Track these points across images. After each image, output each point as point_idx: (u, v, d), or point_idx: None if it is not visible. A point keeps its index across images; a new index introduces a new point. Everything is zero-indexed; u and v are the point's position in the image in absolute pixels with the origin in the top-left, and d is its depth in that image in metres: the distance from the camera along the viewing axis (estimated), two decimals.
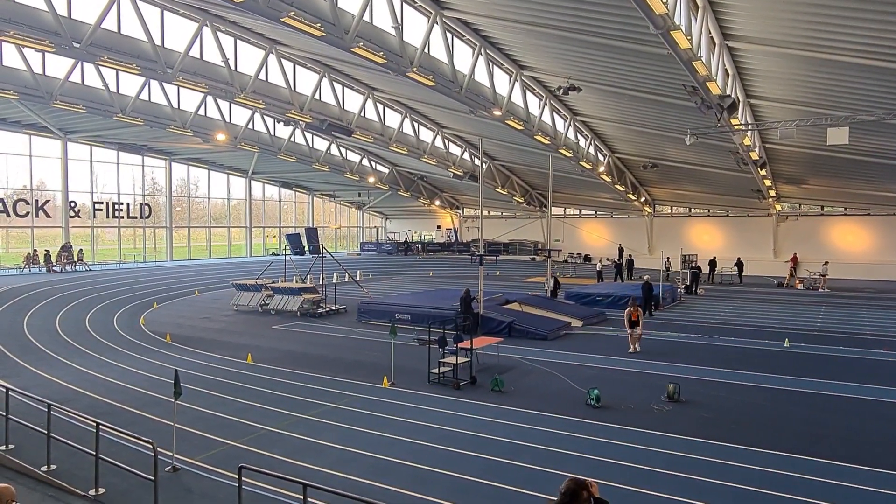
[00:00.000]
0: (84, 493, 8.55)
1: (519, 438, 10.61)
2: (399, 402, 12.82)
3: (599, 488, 4.10)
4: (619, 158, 35.91)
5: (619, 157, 35.76)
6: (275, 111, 28.29)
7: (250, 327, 22.33)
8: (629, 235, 43.95)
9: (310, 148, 37.54)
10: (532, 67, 23.65)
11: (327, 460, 9.66)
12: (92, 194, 36.49)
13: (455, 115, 29.75)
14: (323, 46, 19.85)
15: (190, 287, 31.99)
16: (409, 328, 20.39)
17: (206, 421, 11.56)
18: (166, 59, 20.99)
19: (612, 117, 28.05)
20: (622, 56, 19.34)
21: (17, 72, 22.85)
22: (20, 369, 15.13)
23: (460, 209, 53.74)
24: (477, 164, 36.95)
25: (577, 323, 21.84)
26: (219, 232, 46.22)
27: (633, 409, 12.25)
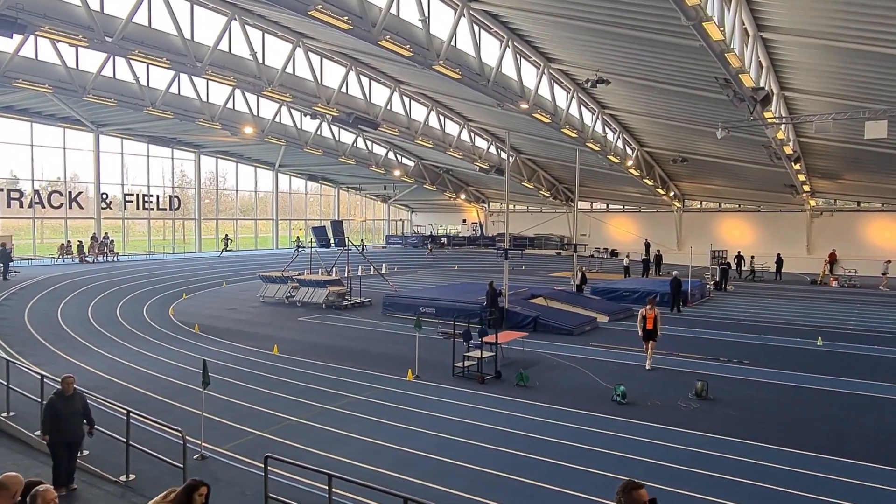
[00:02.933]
0: (115, 479, 8.72)
1: (543, 433, 10.55)
2: (423, 395, 12.83)
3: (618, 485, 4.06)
4: (648, 152, 35.40)
5: (647, 151, 35.26)
6: (302, 104, 28.46)
7: (276, 319, 22.55)
8: (657, 230, 43.33)
9: (336, 141, 37.71)
10: (560, 60, 23.40)
11: (352, 451, 9.71)
12: (123, 186, 37.18)
13: (481, 108, 29.60)
14: (350, 39, 19.86)
15: (217, 278, 32.44)
16: (434, 321, 20.40)
17: (233, 410, 11.70)
18: (195, 52, 21.22)
19: (641, 110, 27.64)
20: (652, 48, 19.01)
21: (52, 66, 23.30)
22: (54, 357, 15.49)
23: (486, 203, 53.57)
24: (503, 157, 36.74)
25: (604, 318, 21.63)
26: (246, 224, 46.76)
27: (659, 406, 12.10)
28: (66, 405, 8.17)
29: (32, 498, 5.07)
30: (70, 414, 8.17)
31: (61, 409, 8.11)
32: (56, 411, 8.09)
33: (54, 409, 8.10)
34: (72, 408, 8.22)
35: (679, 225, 43.89)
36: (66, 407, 8.16)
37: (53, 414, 8.08)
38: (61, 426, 8.07)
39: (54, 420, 8.05)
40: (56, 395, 8.25)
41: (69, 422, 8.14)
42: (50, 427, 8.05)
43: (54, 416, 8.07)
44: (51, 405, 8.16)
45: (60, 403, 8.14)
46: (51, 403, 8.18)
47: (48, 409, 8.16)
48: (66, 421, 8.09)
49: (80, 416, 8.31)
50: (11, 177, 32.77)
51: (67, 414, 8.13)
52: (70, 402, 8.22)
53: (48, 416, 8.11)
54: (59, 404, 8.13)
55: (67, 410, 8.15)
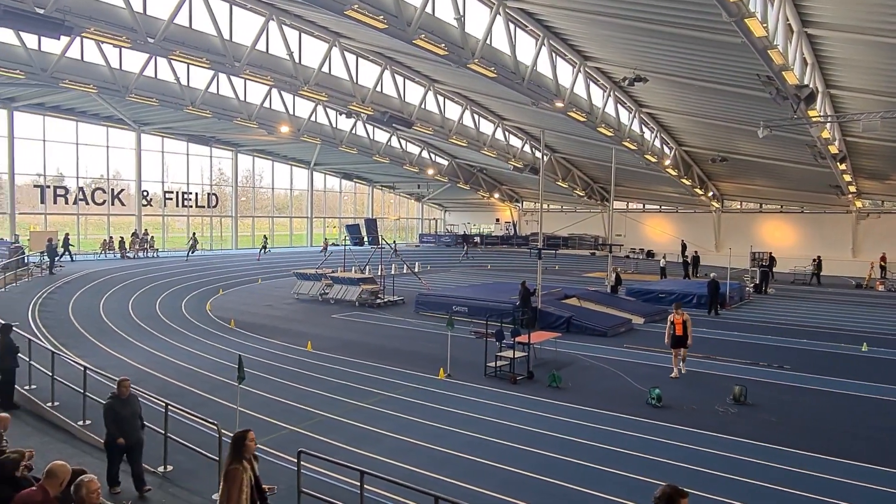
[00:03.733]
0: (153, 470, 8.91)
1: (575, 435, 10.43)
2: (455, 395, 12.81)
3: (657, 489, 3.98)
4: (687, 151, 34.74)
5: (686, 151, 34.60)
6: (337, 103, 28.73)
7: (310, 315, 22.81)
8: (695, 231, 42.51)
9: (370, 140, 37.96)
10: (596, 58, 23.12)
11: (384, 449, 9.75)
12: (163, 184, 38.05)
13: (516, 106, 29.45)
14: (385, 39, 19.96)
15: (253, 275, 32.97)
16: (467, 321, 20.37)
17: (267, 405, 11.86)
18: (234, 52, 21.58)
19: (679, 109, 27.14)
20: (692, 45, 18.63)
21: (97, 67, 23.97)
22: (97, 349, 15.92)
23: (519, 202, 53.30)
24: (537, 156, 36.50)
25: (639, 320, 21.31)
26: (281, 221, 47.40)
27: (695, 411, 11.86)
28: (124, 407, 8.18)
29: (77, 487, 5.21)
30: (129, 416, 8.19)
31: (120, 412, 8.11)
32: (116, 414, 8.08)
33: (114, 411, 8.08)
34: (129, 410, 8.24)
35: (717, 226, 42.99)
36: (124, 409, 8.16)
37: (115, 417, 8.07)
38: (124, 429, 8.08)
39: (117, 423, 8.04)
40: (113, 398, 8.23)
41: (128, 424, 8.16)
42: (114, 430, 8.02)
43: (116, 420, 8.06)
44: (110, 409, 8.12)
45: (118, 406, 8.15)
46: (109, 407, 8.14)
47: (108, 413, 8.11)
48: (125, 423, 8.11)
49: (137, 417, 8.35)
50: (58, 174, 33.85)
51: (126, 416, 8.15)
52: (127, 405, 8.24)
53: (109, 420, 8.06)
54: (117, 407, 8.13)
55: (126, 413, 8.16)
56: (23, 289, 22.10)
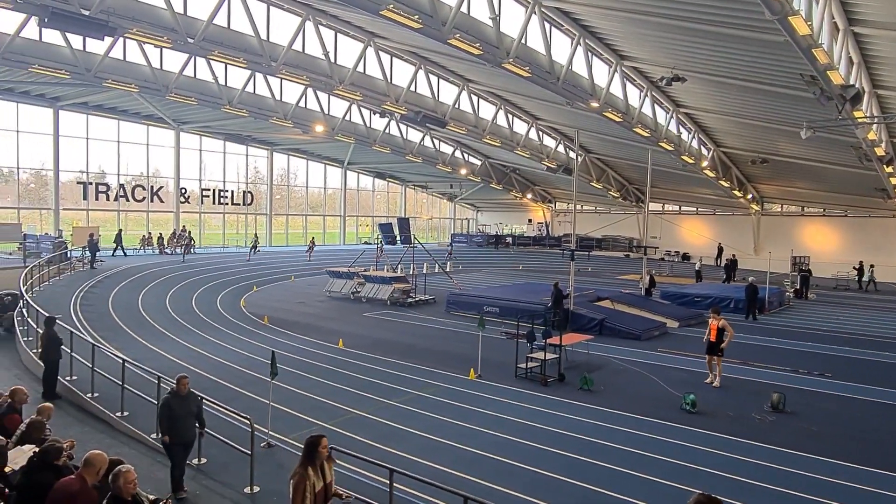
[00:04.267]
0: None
1: (607, 439, 10.28)
2: (485, 395, 12.76)
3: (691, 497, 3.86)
4: (725, 152, 34.00)
5: (724, 152, 33.87)
6: (371, 103, 28.89)
7: (342, 313, 22.98)
8: (733, 234, 41.57)
9: (404, 139, 38.09)
10: (633, 57, 22.77)
11: (413, 447, 9.75)
12: (200, 181, 38.81)
13: (550, 106, 29.21)
14: (420, 38, 20.00)
15: (287, 272, 33.37)
16: (498, 321, 20.28)
17: (299, 401, 11.98)
18: (271, 52, 21.86)
19: (718, 109, 26.56)
20: (732, 44, 18.20)
21: (138, 67, 24.55)
22: (135, 343, 16.30)
23: (552, 203, 52.89)
24: (572, 156, 36.16)
25: (674, 324, 20.93)
26: (314, 220, 47.92)
27: (731, 418, 11.59)
28: (181, 405, 8.08)
29: (114, 477, 5.33)
30: (185, 414, 8.09)
31: (176, 410, 8.00)
32: (171, 411, 7.98)
33: (170, 408, 7.99)
34: (186, 408, 8.13)
35: (757, 229, 41.96)
36: (181, 407, 8.06)
37: (169, 414, 7.97)
38: (176, 427, 7.97)
39: (171, 420, 7.95)
40: (171, 395, 8.15)
41: (184, 422, 8.07)
42: (168, 427, 7.95)
43: (170, 417, 7.96)
44: (166, 405, 8.05)
45: (175, 403, 8.05)
46: (166, 403, 8.08)
47: (164, 410, 8.04)
48: (181, 421, 8.01)
49: (193, 416, 8.26)
50: (100, 171, 34.77)
51: (182, 414, 8.05)
52: (184, 403, 8.14)
53: (164, 416, 7.99)
54: (173, 404, 8.03)
55: (182, 411, 8.06)
56: (66, 282, 22.76)
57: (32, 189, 33.68)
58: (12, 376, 13.09)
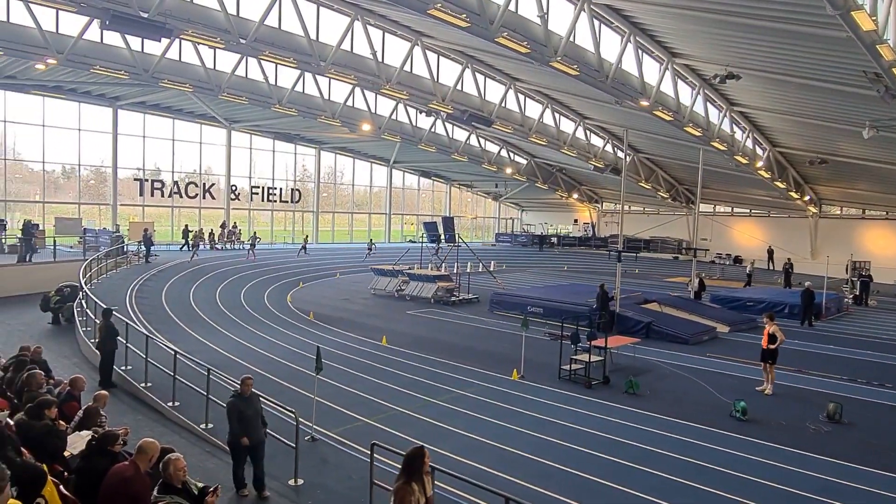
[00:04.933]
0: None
1: (652, 444, 10.06)
2: (527, 396, 12.65)
3: None
4: (781, 153, 32.84)
5: (780, 152, 32.71)
6: (418, 102, 29.00)
7: (386, 311, 23.17)
8: (789, 237, 40.11)
9: (449, 138, 38.13)
10: (685, 55, 22.20)
11: (454, 446, 9.74)
12: (250, 179, 39.76)
13: (599, 105, 28.75)
14: (467, 37, 19.96)
15: (332, 269, 33.84)
16: (541, 322, 20.09)
17: (342, 397, 12.12)
18: (320, 52, 22.18)
19: (774, 107, 25.66)
20: (790, 40, 17.54)
21: (193, 67, 25.27)
22: (186, 335, 16.79)
23: (599, 203, 52.10)
24: (620, 156, 35.55)
25: (724, 328, 20.34)
26: (360, 217, 48.46)
27: (784, 427, 11.18)
28: (247, 406, 8.00)
29: (165, 464, 5.50)
30: (252, 415, 8.02)
31: (244, 411, 7.92)
32: (240, 413, 7.89)
33: (238, 410, 7.89)
34: (252, 409, 8.06)
35: (814, 232, 40.40)
36: (247, 408, 7.97)
37: (238, 416, 7.88)
38: (246, 429, 7.89)
39: (240, 422, 7.86)
40: (236, 397, 8.06)
41: (251, 423, 7.97)
42: (237, 429, 7.86)
43: (240, 418, 7.87)
44: (233, 407, 7.94)
45: (241, 405, 7.96)
46: (233, 405, 7.96)
47: (232, 412, 7.93)
48: (248, 422, 7.93)
49: (259, 416, 8.19)
50: (155, 168, 35.96)
51: (250, 415, 7.97)
52: (249, 404, 8.06)
53: (234, 418, 7.88)
54: (241, 406, 7.94)
55: (249, 412, 7.97)
56: (122, 276, 23.60)
57: (92, 185, 35.06)
58: (72, 364, 13.64)
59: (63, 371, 11.74)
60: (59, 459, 6.21)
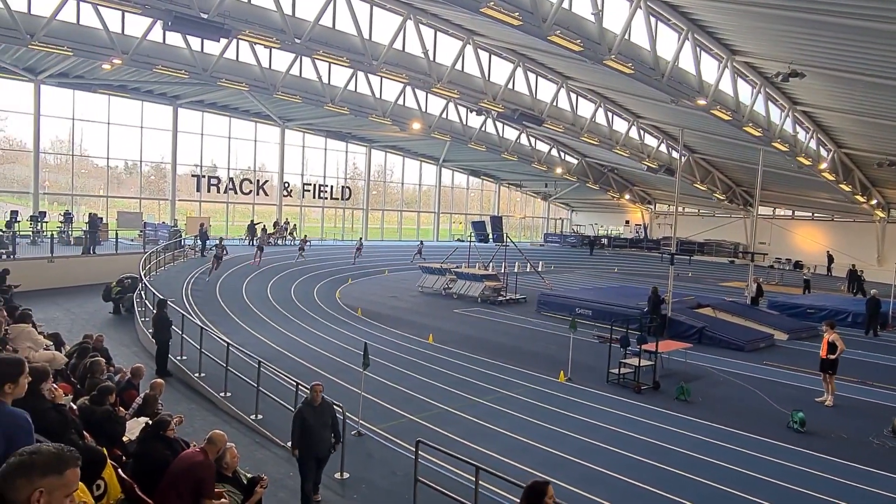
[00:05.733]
0: (283, 444, 9.44)
1: (704, 453, 9.76)
2: (574, 399, 12.47)
3: None
4: (847, 154, 31.41)
5: (846, 153, 31.30)
6: (468, 101, 28.94)
7: (433, 309, 23.23)
8: (854, 242, 38.34)
9: (499, 137, 37.95)
10: (746, 52, 21.46)
11: (499, 446, 9.68)
12: (302, 176, 40.52)
13: (653, 104, 28.11)
14: (519, 35, 19.79)
15: (380, 266, 34.16)
16: (590, 324, 19.78)
17: (388, 393, 12.19)
18: (372, 51, 22.39)
19: (841, 107, 24.55)
20: (860, 36, 16.72)
21: (249, 66, 25.90)
22: (239, 328, 17.21)
23: (652, 204, 50.99)
24: (674, 156, 34.69)
25: (782, 336, 19.58)
26: (409, 216, 48.77)
27: (846, 440, 10.68)
28: (315, 416, 7.57)
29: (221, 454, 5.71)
30: (319, 426, 7.58)
31: (309, 420, 7.51)
32: (304, 422, 7.49)
33: (303, 419, 7.52)
34: (321, 419, 7.62)
35: (881, 237, 38.51)
36: (315, 418, 7.56)
37: (303, 426, 7.48)
38: (310, 439, 7.47)
39: (303, 432, 7.47)
40: (305, 405, 7.69)
41: (318, 434, 7.54)
42: (299, 440, 7.50)
43: (304, 428, 7.48)
44: (299, 416, 7.58)
45: (308, 414, 7.56)
46: (299, 414, 7.61)
47: (297, 420, 7.58)
48: (314, 433, 7.50)
49: (328, 428, 7.72)
50: (211, 165, 37.04)
51: (317, 426, 7.54)
52: (319, 413, 7.64)
53: (297, 427, 7.54)
54: (307, 414, 7.55)
55: (316, 422, 7.56)
56: (179, 269, 24.40)
57: (152, 181, 36.36)
58: (130, 353, 14.17)
59: (122, 359, 12.19)
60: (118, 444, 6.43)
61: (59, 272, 22.04)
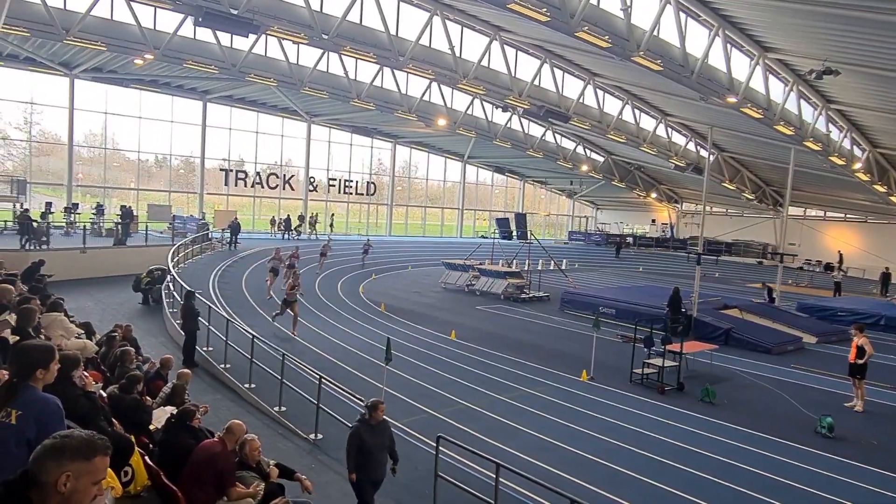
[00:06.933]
0: (305, 436, 9.55)
1: (729, 457, 9.62)
2: (597, 398, 12.39)
3: None
4: (883, 154, 30.62)
5: (882, 153, 30.51)
6: (494, 97, 28.84)
7: (456, 305, 23.24)
8: (888, 245, 37.43)
9: (525, 134, 37.76)
10: (778, 49, 21.03)
11: (520, 444, 9.66)
12: (328, 171, 40.79)
13: (682, 101, 27.71)
14: (546, 32, 19.64)
15: (404, 262, 34.27)
16: (613, 323, 19.62)
17: (411, 388, 12.24)
18: (399, 47, 22.43)
19: (877, 105, 23.93)
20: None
21: (277, 62, 26.13)
22: (264, 321, 17.40)
23: (679, 203, 50.32)
24: (702, 155, 34.17)
25: (811, 339, 19.22)
26: (433, 212, 48.84)
27: (876, 447, 10.45)
28: (373, 436, 6.79)
29: (241, 444, 5.81)
30: (378, 448, 6.80)
31: (368, 442, 6.72)
32: (362, 443, 6.70)
33: (360, 440, 6.71)
34: (379, 440, 6.84)
35: None
36: (373, 438, 6.78)
37: (360, 446, 6.69)
38: (367, 462, 6.70)
39: (359, 454, 6.68)
40: (362, 424, 6.84)
41: (376, 457, 6.77)
42: (355, 462, 6.67)
43: (360, 449, 6.69)
44: (356, 436, 6.75)
45: (367, 434, 6.75)
46: (356, 434, 6.77)
47: (353, 441, 6.74)
48: (373, 456, 6.73)
49: (385, 450, 6.91)
50: (239, 159, 37.49)
51: (375, 448, 6.75)
52: (377, 434, 6.84)
53: (353, 449, 6.70)
54: (365, 435, 6.74)
55: (375, 443, 6.77)
56: (207, 261, 24.74)
57: (182, 174, 36.94)
58: (158, 343, 14.43)
59: (150, 349, 12.42)
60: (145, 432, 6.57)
61: (90, 263, 22.50)
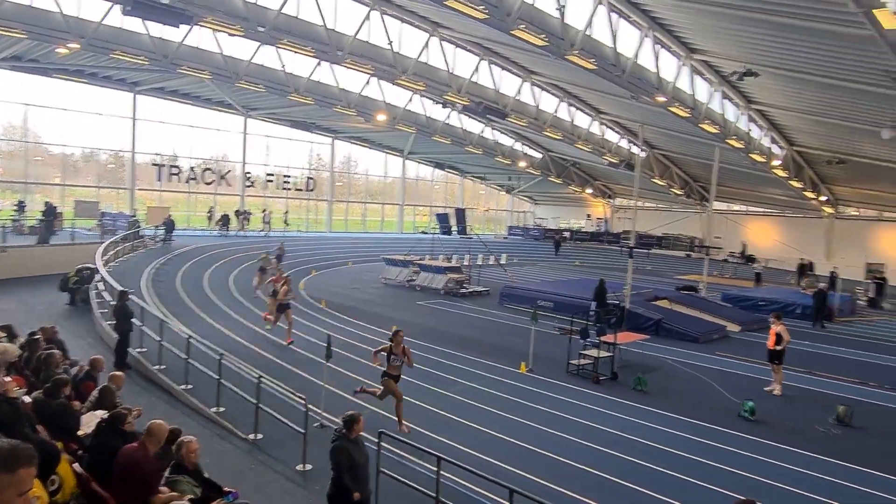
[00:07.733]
0: (244, 437, 9.42)
1: (661, 442, 10.09)
2: (536, 390, 12.71)
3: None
4: (799, 152, 32.48)
5: (798, 151, 32.36)
6: (433, 93, 28.97)
7: (396, 301, 23.27)
8: (803, 238, 39.68)
9: (464, 131, 38.07)
10: (703, 50, 22.00)
11: (462, 438, 9.83)
12: (265, 166, 39.97)
13: (614, 100, 28.58)
14: (484, 29, 19.88)
15: (344, 258, 33.99)
16: (551, 316, 20.11)
17: (351, 385, 12.21)
18: (337, 42, 22.20)
19: (793, 106, 25.38)
20: (811, 38, 17.32)
21: (211, 54, 25.40)
22: (199, 320, 16.98)
23: (612, 198, 51.86)
24: (634, 151, 35.34)
25: (735, 328, 20.26)
26: (373, 207, 48.61)
27: (792, 428, 11.16)
28: (358, 450, 6.43)
29: (178, 446, 5.64)
30: (363, 462, 6.47)
31: (355, 457, 6.32)
32: (352, 459, 6.24)
33: (349, 456, 6.23)
34: (362, 454, 6.50)
35: (830, 233, 39.98)
36: (359, 453, 6.43)
37: (350, 462, 6.21)
38: (357, 478, 6.27)
39: (352, 470, 6.21)
40: (343, 440, 6.37)
41: (363, 471, 6.42)
42: (352, 480, 6.17)
43: (351, 466, 6.21)
44: (343, 451, 6.24)
45: (353, 449, 6.35)
46: (341, 450, 6.25)
47: (341, 456, 6.22)
48: (360, 471, 6.36)
49: (367, 464, 6.61)
50: (172, 154, 36.24)
51: (360, 463, 6.40)
52: (359, 447, 6.51)
53: (344, 467, 6.18)
54: (352, 450, 6.33)
55: (360, 458, 6.42)
56: (139, 259, 23.87)
57: (111, 169, 35.41)
58: (87, 345, 13.86)
59: (78, 351, 11.93)
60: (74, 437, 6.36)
61: (12, 263, 21.36)
